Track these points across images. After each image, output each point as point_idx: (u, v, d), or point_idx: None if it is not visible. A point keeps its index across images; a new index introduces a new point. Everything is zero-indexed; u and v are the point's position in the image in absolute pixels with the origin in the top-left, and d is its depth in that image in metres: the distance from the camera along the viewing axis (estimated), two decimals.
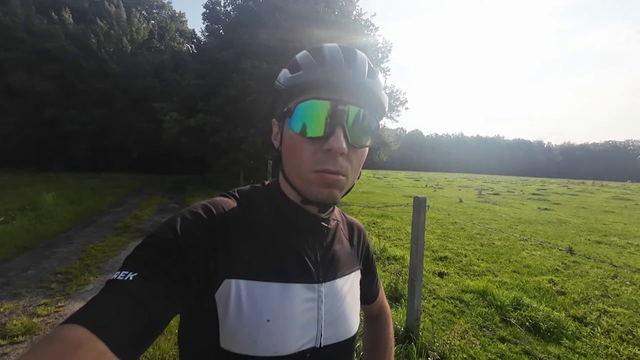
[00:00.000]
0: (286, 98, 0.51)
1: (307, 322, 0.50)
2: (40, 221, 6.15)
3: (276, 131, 0.54)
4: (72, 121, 19.52)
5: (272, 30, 13.19)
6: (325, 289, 0.53)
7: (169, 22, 28.67)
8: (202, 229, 0.46)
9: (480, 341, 2.62)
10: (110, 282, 0.39)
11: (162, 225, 0.46)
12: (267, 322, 0.46)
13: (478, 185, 23.80)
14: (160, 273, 0.40)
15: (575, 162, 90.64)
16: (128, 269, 0.39)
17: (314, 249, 0.55)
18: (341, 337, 0.54)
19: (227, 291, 0.46)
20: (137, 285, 0.38)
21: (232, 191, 0.56)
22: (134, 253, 0.42)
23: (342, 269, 0.58)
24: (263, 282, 0.48)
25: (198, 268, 0.43)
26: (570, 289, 3.83)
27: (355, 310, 0.59)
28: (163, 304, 0.39)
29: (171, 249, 0.42)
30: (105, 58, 20.57)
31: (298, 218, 0.54)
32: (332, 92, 0.47)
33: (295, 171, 0.50)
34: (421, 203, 2.35)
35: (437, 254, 5.16)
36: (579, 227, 7.78)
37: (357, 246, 0.66)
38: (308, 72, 0.48)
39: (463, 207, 11.13)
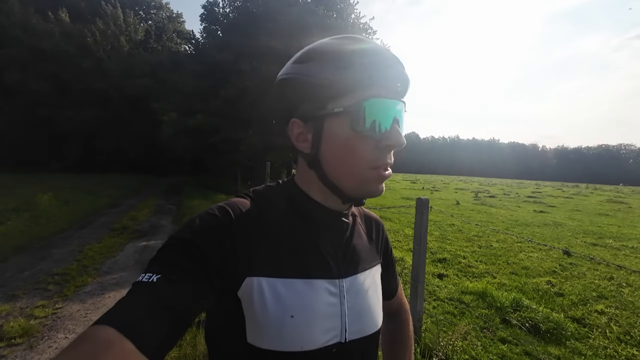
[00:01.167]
0: (328, 95, 0.47)
1: (331, 317, 0.50)
2: (36, 222, 6.08)
3: (300, 131, 0.50)
4: (67, 121, 19.31)
5: (270, 32, 13.22)
6: (347, 284, 0.53)
7: (166, 22, 28.60)
8: (219, 229, 0.46)
9: (482, 342, 2.63)
10: (136, 284, 0.40)
11: (181, 227, 0.47)
12: (291, 318, 0.46)
13: (474, 187, 23.97)
14: (182, 274, 0.41)
15: (569, 166, 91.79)
16: (152, 271, 0.41)
17: (333, 245, 0.54)
18: (366, 331, 0.54)
19: (250, 289, 0.46)
20: (161, 286, 0.39)
21: (248, 191, 0.56)
22: (157, 255, 0.44)
23: (362, 263, 0.58)
24: (285, 279, 0.48)
25: (218, 268, 0.44)
26: (568, 291, 3.86)
27: (378, 304, 0.59)
28: (186, 304, 0.40)
29: (191, 249, 0.43)
30: (103, 57, 20.43)
31: (317, 214, 0.54)
32: (386, 89, 0.48)
33: (348, 172, 0.48)
34: (424, 204, 2.36)
35: (436, 255, 5.19)
36: (574, 230, 7.87)
37: (376, 240, 0.65)
38: (362, 67, 0.46)
39: (460, 209, 11.21)
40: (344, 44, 0.48)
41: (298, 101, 0.50)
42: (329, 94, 0.47)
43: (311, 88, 0.47)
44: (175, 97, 15.93)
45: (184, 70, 16.68)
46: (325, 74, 0.46)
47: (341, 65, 0.46)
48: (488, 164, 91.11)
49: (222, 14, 17.88)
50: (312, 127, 0.49)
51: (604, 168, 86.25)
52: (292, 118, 0.51)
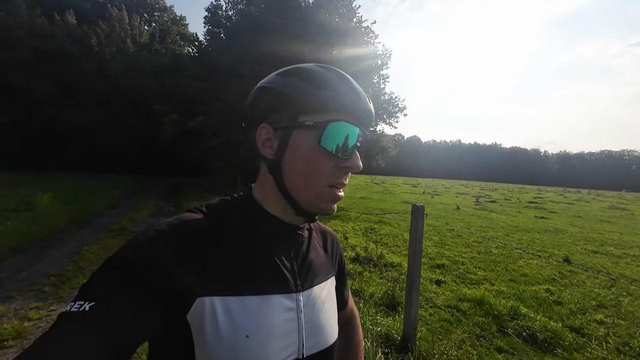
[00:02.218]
0: (301, 109, 0.49)
1: (288, 333, 0.49)
2: (35, 222, 6.08)
3: (267, 137, 0.51)
4: (69, 121, 19.43)
5: (273, 36, 13.30)
6: (304, 298, 0.53)
7: (170, 25, 28.84)
8: (167, 247, 0.43)
9: (478, 351, 2.60)
10: (63, 314, 0.36)
11: (122, 246, 0.43)
12: (246, 338, 0.44)
13: (475, 192, 23.89)
14: (122, 299, 0.37)
15: (572, 171, 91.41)
16: (84, 299, 0.37)
17: (290, 258, 0.54)
18: (323, 345, 0.54)
19: (201, 310, 0.43)
20: (95, 314, 0.35)
21: (200, 206, 0.54)
22: (91, 280, 0.39)
23: (319, 275, 0.58)
24: (239, 297, 0.46)
25: (165, 290, 0.41)
26: (567, 299, 3.82)
27: (334, 317, 0.59)
28: (126, 332, 0.36)
29: (134, 271, 0.40)
30: (108, 58, 20.60)
31: (273, 227, 0.54)
32: (353, 118, 0.51)
33: (306, 185, 0.50)
34: (419, 211, 2.34)
35: (434, 261, 5.15)
36: (575, 236, 7.81)
37: (331, 253, 0.67)
38: (337, 93, 0.49)
39: (460, 214, 11.16)
40: (324, 70, 0.51)
41: (272, 109, 0.52)
42: (302, 108, 0.49)
43: (287, 99, 0.49)
44: (176, 99, 16.03)
45: (185, 72, 16.79)
46: (302, 90, 0.49)
47: (318, 85, 0.49)
48: (490, 169, 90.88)
49: (225, 17, 18.02)
50: (280, 135, 0.50)
51: (607, 174, 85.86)
52: (262, 124, 0.52)
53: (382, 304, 3.28)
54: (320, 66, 0.52)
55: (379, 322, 2.71)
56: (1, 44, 18.56)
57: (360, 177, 40.54)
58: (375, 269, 4.55)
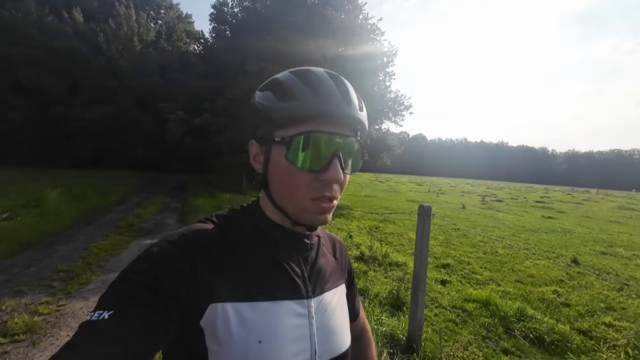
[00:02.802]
0: (275, 125, 0.49)
1: (300, 339, 0.49)
2: (44, 218, 6.19)
3: (256, 152, 0.53)
4: (78, 118, 19.68)
5: (278, 33, 13.27)
6: (315, 304, 0.53)
7: (176, 22, 28.93)
8: (179, 256, 0.45)
9: (483, 353, 2.58)
10: (84, 325, 0.37)
11: (137, 258, 0.45)
12: (258, 344, 0.45)
13: (481, 191, 23.65)
14: (138, 307, 0.39)
15: (580, 170, 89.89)
16: (102, 308, 0.38)
17: (299, 265, 0.55)
18: (336, 352, 0.54)
19: (214, 316, 0.44)
20: (114, 324, 0.37)
21: (210, 216, 0.56)
22: (109, 291, 0.41)
23: (329, 282, 0.58)
24: (251, 302, 0.47)
25: (178, 297, 0.42)
26: (574, 301, 3.77)
27: (346, 323, 0.59)
28: (143, 341, 0.38)
29: (148, 280, 0.41)
30: (115, 56, 20.78)
31: (281, 236, 0.54)
32: (328, 125, 0.47)
33: (288, 198, 0.50)
34: (426, 212, 2.32)
35: (439, 261, 5.12)
36: (583, 237, 7.70)
37: (340, 260, 0.66)
38: (305, 103, 0.47)
39: (466, 213, 11.06)
40: (297, 78, 0.49)
41: (256, 125, 0.52)
42: (276, 123, 0.49)
43: (264, 115, 0.50)
44: (182, 96, 16.12)
45: (192, 70, 16.87)
46: (274, 104, 0.49)
47: (286, 97, 0.48)
48: (496, 167, 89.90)
49: (231, 14, 18.03)
50: (264, 150, 0.51)
51: (616, 173, 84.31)
52: (252, 139, 0.54)
53: (387, 303, 3.27)
54: (298, 70, 0.51)
55: (384, 322, 2.70)
56: (12, 41, 18.85)
57: (365, 175, 40.40)
58: (380, 268, 4.53)
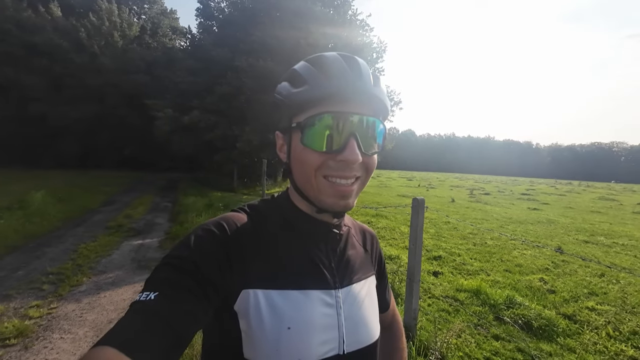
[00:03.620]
0: (292, 112, 0.51)
1: (328, 328, 0.50)
2: (29, 220, 6.02)
3: (281, 143, 0.55)
4: (61, 117, 19.01)
5: (267, 28, 13.11)
6: (342, 295, 0.54)
7: (161, 18, 28.17)
8: (215, 244, 0.48)
9: (475, 339, 2.68)
10: (134, 303, 0.41)
11: (177, 245, 0.48)
12: (288, 330, 0.47)
13: (469, 185, 24.15)
14: (179, 290, 0.42)
15: (563, 163, 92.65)
16: (149, 290, 0.42)
17: (327, 256, 0.55)
18: (364, 342, 0.54)
19: (246, 302, 0.47)
20: (159, 304, 0.40)
21: (243, 206, 0.58)
22: (153, 274, 0.45)
23: (358, 273, 0.59)
24: (281, 290, 0.49)
25: (215, 282, 0.45)
26: (560, 288, 3.93)
27: (375, 314, 0.59)
28: (185, 320, 0.40)
29: (187, 266, 0.44)
30: (97, 52, 20.10)
31: (309, 227, 0.55)
32: (342, 104, 0.48)
33: (307, 181, 0.51)
34: (420, 204, 2.38)
35: (431, 253, 5.24)
36: (567, 227, 7.99)
37: (370, 251, 0.66)
38: (315, 86, 0.47)
39: (455, 206, 11.29)
40: (310, 62, 0.51)
41: (279, 117, 0.55)
42: (292, 111, 0.51)
43: (283, 105, 0.52)
44: (170, 93, 15.78)
45: (179, 66, 16.50)
46: (286, 93, 0.51)
47: (298, 84, 0.49)
48: (483, 161, 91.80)
49: (218, 9, 17.67)
50: (286, 140, 0.54)
51: (597, 165, 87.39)
52: (277, 131, 0.56)
53: None
54: (312, 57, 0.52)
55: None
56: None
57: None
58: None
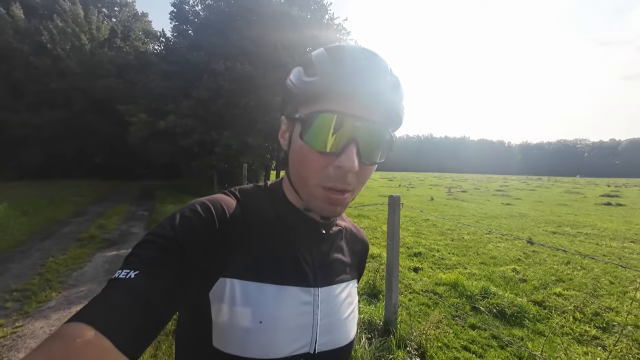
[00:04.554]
0: (299, 101, 0.47)
1: (301, 327, 0.49)
2: None
3: (284, 129, 0.51)
4: (23, 124, 17.83)
5: (244, 32, 13.01)
6: (322, 294, 0.52)
7: (133, 21, 27.21)
8: (201, 226, 0.45)
9: (454, 330, 2.78)
10: (112, 280, 0.39)
11: (161, 223, 0.45)
12: (259, 324, 0.45)
13: (447, 183, 24.99)
14: (162, 269, 0.40)
15: (533, 160, 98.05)
16: (129, 267, 0.39)
17: (311, 253, 0.54)
18: (337, 344, 0.53)
19: (221, 290, 0.45)
20: (139, 281, 0.38)
21: (234, 189, 0.55)
22: (134, 251, 0.42)
23: (340, 275, 0.57)
24: (258, 283, 0.47)
25: (197, 265, 0.43)
26: (530, 277, 4.16)
27: (352, 317, 0.57)
28: (165, 300, 0.39)
29: (171, 245, 0.42)
30: (61, 56, 19.07)
31: (298, 222, 0.53)
32: (349, 105, 0.43)
33: (301, 181, 0.48)
34: (395, 201, 2.45)
35: (411, 250, 5.37)
36: (537, 220, 8.46)
37: (358, 260, 0.65)
38: (325, 78, 0.43)
39: (434, 204, 11.65)
40: (328, 52, 0.46)
41: (286, 101, 0.52)
42: (301, 99, 0.47)
43: (292, 90, 0.48)
44: (144, 98, 15.25)
45: (153, 70, 16.00)
46: (297, 80, 0.47)
47: (310, 73, 0.45)
48: (460, 160, 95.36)
49: (193, 13, 17.33)
50: (290, 128, 0.49)
51: (563, 161, 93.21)
52: (282, 115, 0.52)
53: (364, 293, 3.39)
54: (327, 48, 0.47)
55: (362, 310, 2.81)
56: None
57: None
58: None
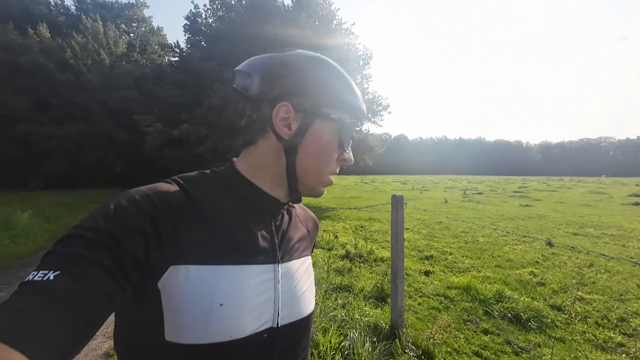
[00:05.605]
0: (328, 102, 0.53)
1: (263, 303, 0.49)
2: (14, 241, 5.88)
3: (285, 117, 0.50)
4: (48, 137, 18.82)
5: (253, 39, 13.30)
6: (282, 269, 0.54)
7: (149, 35, 28.41)
8: (139, 215, 0.42)
9: (465, 334, 2.66)
10: (24, 284, 0.34)
11: (91, 215, 0.41)
12: (220, 307, 0.44)
13: (463, 185, 24.37)
14: (91, 268, 0.36)
15: (553, 160, 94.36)
16: (48, 268, 0.35)
17: (270, 230, 0.55)
18: (298, 315, 0.55)
19: (174, 278, 0.43)
20: (61, 283, 0.33)
21: (175, 177, 0.53)
22: (55, 248, 0.38)
23: (298, 250, 0.60)
24: (214, 266, 0.46)
25: (137, 257, 0.40)
26: (549, 280, 3.95)
27: (310, 290, 0.60)
28: (95, 301, 0.35)
29: (103, 239, 0.38)
30: (83, 71, 20.09)
31: (258, 200, 0.54)
32: (358, 117, 0.57)
33: (317, 170, 0.54)
34: (398, 201, 2.40)
35: (423, 253, 5.24)
36: (557, 221, 8.07)
37: (311, 235, 0.68)
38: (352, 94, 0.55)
39: (448, 207, 11.36)
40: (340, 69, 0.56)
41: (295, 91, 0.50)
42: (326, 100, 0.52)
43: (313, 86, 0.51)
44: (159, 107, 15.79)
45: (167, 80, 16.58)
46: (330, 82, 0.53)
47: (340, 82, 0.54)
48: (476, 162, 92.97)
49: (205, 25, 17.93)
50: (302, 119, 0.51)
51: (586, 161, 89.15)
52: (283, 102, 0.50)
53: (371, 296, 3.31)
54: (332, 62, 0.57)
55: (367, 313, 2.74)
56: None
57: (350, 177, 40.67)
58: (365, 265, 4.59)
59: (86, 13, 24.26)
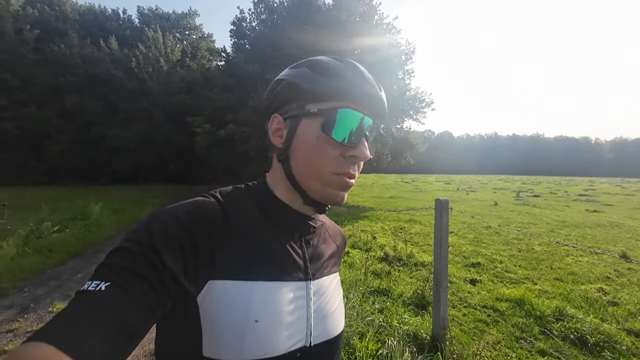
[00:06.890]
0: (306, 99, 0.50)
1: (296, 321, 0.49)
2: (89, 229, 6.76)
3: (277, 127, 0.53)
4: (116, 137, 21.37)
5: (295, 41, 13.56)
6: (314, 287, 0.53)
7: (200, 42, 30.62)
8: (180, 230, 0.43)
9: (517, 353, 2.43)
10: (80, 293, 0.36)
11: (136, 228, 0.43)
12: (255, 323, 0.44)
13: (516, 187, 22.27)
14: (136, 280, 0.38)
15: (630, 159, 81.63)
16: (100, 278, 0.37)
17: (302, 247, 0.55)
18: (330, 334, 0.54)
19: (211, 293, 0.44)
20: (110, 294, 0.36)
21: (213, 192, 0.54)
22: (107, 260, 0.40)
23: (328, 267, 0.59)
24: (250, 282, 0.46)
25: (177, 272, 0.41)
26: (624, 299, 3.43)
27: (341, 307, 0.59)
28: (139, 313, 0.37)
29: (147, 253, 0.40)
30: (145, 78, 22.39)
31: (286, 217, 0.54)
32: (361, 105, 0.50)
33: (315, 171, 0.50)
34: (443, 205, 2.26)
35: (468, 260, 4.90)
36: (634, 231, 6.98)
37: (339, 250, 0.67)
38: (342, 80, 0.49)
39: (498, 210, 10.47)
40: (333, 59, 0.52)
41: (284, 100, 0.53)
42: (310, 97, 0.50)
43: (296, 89, 0.51)
44: (208, 109, 16.92)
45: (215, 83, 17.69)
46: (311, 79, 0.50)
47: (326, 74, 0.50)
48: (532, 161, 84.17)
49: (250, 28, 18.74)
50: (289, 124, 0.52)
51: None
52: (274, 114, 0.53)
53: (411, 303, 3.19)
54: (331, 57, 0.53)
55: (406, 321, 2.64)
56: (60, 72, 21.04)
57: (390, 176, 39.59)
58: (404, 269, 4.43)
59: (148, 25, 26.91)
